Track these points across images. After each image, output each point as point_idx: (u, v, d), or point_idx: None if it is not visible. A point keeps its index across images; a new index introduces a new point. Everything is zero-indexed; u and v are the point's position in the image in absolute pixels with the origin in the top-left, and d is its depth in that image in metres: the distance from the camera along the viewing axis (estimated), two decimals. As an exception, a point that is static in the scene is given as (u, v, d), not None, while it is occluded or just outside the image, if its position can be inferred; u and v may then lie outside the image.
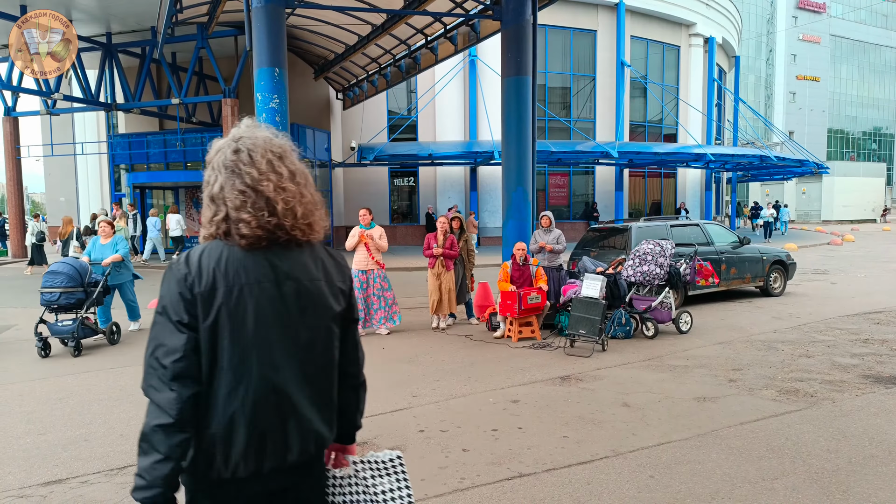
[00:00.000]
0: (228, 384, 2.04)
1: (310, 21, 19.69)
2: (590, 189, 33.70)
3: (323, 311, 2.20)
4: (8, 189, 26.15)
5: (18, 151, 25.85)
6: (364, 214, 10.47)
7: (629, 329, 9.91)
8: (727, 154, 32.66)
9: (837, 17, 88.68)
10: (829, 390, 6.93)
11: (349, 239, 10.41)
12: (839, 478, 4.75)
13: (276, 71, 11.90)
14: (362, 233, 10.32)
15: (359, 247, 10.35)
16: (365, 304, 10.42)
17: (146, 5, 21.12)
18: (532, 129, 13.59)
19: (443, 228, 10.81)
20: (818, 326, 10.56)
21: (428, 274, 11.00)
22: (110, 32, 25.07)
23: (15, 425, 6.23)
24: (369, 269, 10.39)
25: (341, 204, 30.68)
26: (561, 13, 30.33)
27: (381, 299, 10.48)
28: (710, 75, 38.12)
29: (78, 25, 23.93)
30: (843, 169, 65.59)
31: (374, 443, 5.59)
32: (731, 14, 40.97)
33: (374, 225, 10.49)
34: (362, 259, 10.36)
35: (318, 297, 2.19)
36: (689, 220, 14.17)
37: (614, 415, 6.23)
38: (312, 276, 2.19)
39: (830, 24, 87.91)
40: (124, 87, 25.68)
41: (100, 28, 24.55)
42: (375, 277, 10.44)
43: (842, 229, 45.33)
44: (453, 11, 16.52)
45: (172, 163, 27.65)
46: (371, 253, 10.34)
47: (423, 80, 29.29)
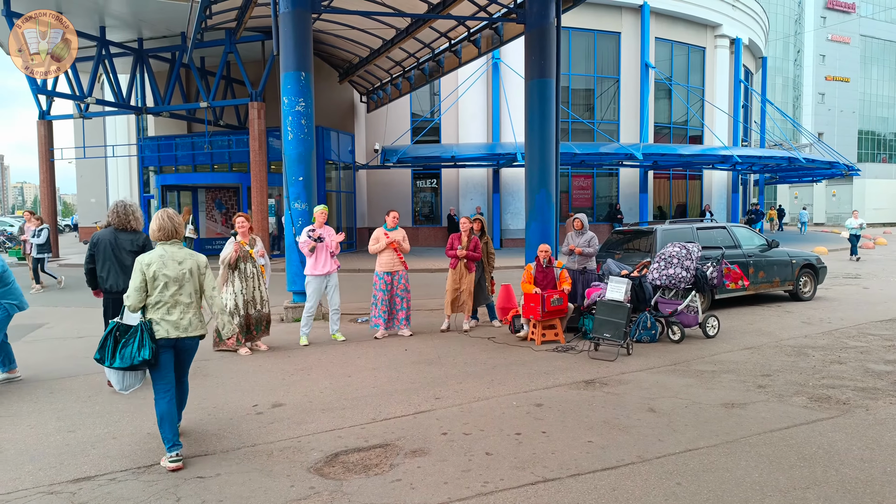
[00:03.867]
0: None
1: (335, 25, 19.79)
2: (614, 191, 33.52)
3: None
4: (41, 191, 26.58)
5: (52, 154, 26.25)
6: (395, 217, 10.48)
7: (654, 333, 9.82)
8: (754, 156, 32.35)
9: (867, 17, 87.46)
10: (862, 398, 6.81)
11: (373, 244, 10.39)
12: (873, 488, 4.65)
13: (303, 75, 11.97)
14: (389, 236, 10.33)
15: (385, 250, 10.35)
16: (389, 305, 10.44)
17: (176, 11, 21.46)
18: (556, 131, 13.54)
19: (465, 229, 10.80)
20: (850, 332, 10.39)
21: (448, 273, 11.00)
22: (142, 38, 25.53)
23: (45, 422, 6.32)
24: (395, 270, 10.40)
25: (364, 205, 30.82)
26: (585, 15, 30.25)
27: (404, 300, 10.50)
28: (736, 76, 37.82)
29: (110, 31, 24.42)
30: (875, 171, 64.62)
31: (397, 444, 5.59)
32: (758, 15, 40.61)
33: (397, 227, 10.51)
34: (389, 261, 10.35)
35: None
36: (716, 223, 14.02)
37: (640, 420, 6.17)
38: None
39: (860, 24, 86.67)
40: (154, 91, 26.10)
41: (132, 34, 25.02)
42: (400, 279, 10.45)
43: (873, 232, 44.75)
44: (477, 15, 16.49)
45: (200, 165, 28.01)
46: (400, 255, 10.36)
47: (447, 82, 29.39)
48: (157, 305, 5.30)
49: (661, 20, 33.38)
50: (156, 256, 5.35)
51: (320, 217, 10.01)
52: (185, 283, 5.41)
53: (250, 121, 22.77)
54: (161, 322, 5.27)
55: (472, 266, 10.87)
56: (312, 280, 9.93)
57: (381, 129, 30.29)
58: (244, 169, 25.65)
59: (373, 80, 26.77)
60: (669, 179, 35.49)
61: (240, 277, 9.25)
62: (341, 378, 7.92)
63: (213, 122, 27.46)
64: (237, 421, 6.31)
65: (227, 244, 9.29)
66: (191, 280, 5.45)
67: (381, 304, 10.38)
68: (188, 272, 5.43)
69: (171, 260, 5.37)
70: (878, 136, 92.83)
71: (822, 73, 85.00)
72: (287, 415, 6.48)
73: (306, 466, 5.16)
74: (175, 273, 5.35)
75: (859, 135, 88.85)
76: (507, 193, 30.97)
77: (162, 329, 5.26)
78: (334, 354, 9.28)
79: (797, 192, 68.89)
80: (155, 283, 5.27)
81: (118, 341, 5.25)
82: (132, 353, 5.14)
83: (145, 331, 5.21)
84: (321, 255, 9.88)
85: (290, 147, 12.05)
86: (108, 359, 5.24)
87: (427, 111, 31.44)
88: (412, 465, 5.17)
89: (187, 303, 5.43)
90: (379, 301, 10.39)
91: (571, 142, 29.73)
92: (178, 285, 5.36)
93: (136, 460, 5.35)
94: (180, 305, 5.38)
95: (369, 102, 29.26)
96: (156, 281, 5.27)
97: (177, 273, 5.36)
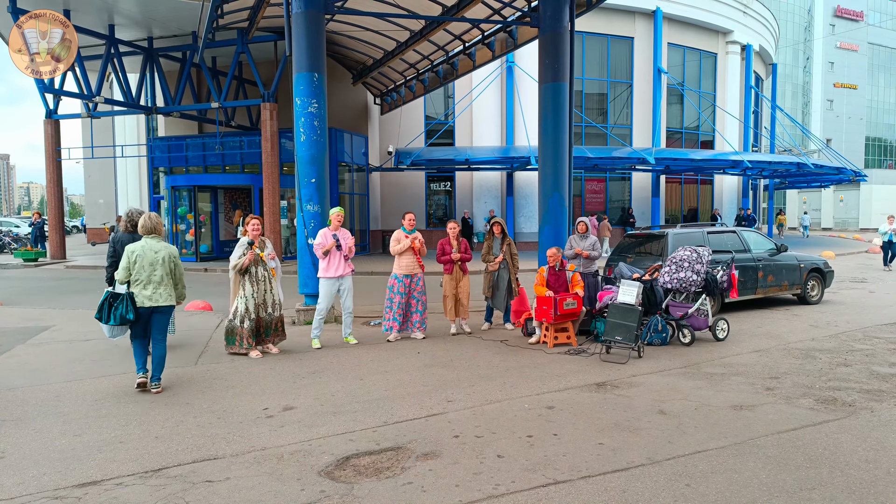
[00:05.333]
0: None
1: (349, 27, 19.85)
2: (626, 195, 33.51)
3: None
4: (48, 191, 26.44)
5: (59, 154, 26.14)
6: (412, 219, 10.50)
7: (665, 336, 9.84)
8: (764, 161, 32.29)
9: (875, 26, 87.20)
10: (867, 400, 6.84)
11: (395, 244, 10.36)
12: (877, 489, 4.69)
13: (315, 76, 11.98)
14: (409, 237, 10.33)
15: (406, 251, 10.36)
16: (405, 308, 10.47)
17: (188, 10, 21.44)
18: (569, 134, 13.55)
19: (455, 233, 10.79)
20: (856, 335, 10.43)
21: (444, 279, 10.97)
22: (152, 37, 25.48)
23: (51, 426, 6.28)
24: (414, 272, 10.42)
25: (378, 208, 30.87)
26: (598, 20, 30.26)
27: (420, 303, 10.54)
28: (747, 82, 37.80)
29: (120, 30, 24.36)
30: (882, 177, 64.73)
31: (409, 447, 5.62)
32: (769, 22, 40.60)
33: (414, 230, 10.52)
34: (409, 263, 10.36)
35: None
36: (727, 227, 14.04)
37: (650, 422, 6.20)
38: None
39: (868, 32, 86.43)
40: (164, 91, 26.06)
41: (142, 33, 24.97)
42: (418, 281, 10.48)
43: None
44: (491, 18, 16.53)
45: (211, 166, 27.99)
46: (419, 257, 10.39)
47: (461, 85, 29.41)
48: (137, 282, 7.33)
49: (674, 26, 33.39)
50: (139, 246, 7.44)
51: (336, 220, 10.00)
52: (158, 267, 7.39)
53: (262, 122, 22.80)
54: (139, 296, 7.30)
55: (466, 268, 10.93)
56: (325, 283, 9.93)
57: (394, 131, 30.34)
58: (256, 170, 25.63)
59: (386, 83, 26.83)
60: (681, 184, 35.47)
61: (250, 281, 9.24)
62: (353, 381, 7.95)
63: (224, 122, 27.46)
64: (247, 424, 6.32)
65: (237, 248, 9.25)
66: (163, 265, 7.43)
67: (398, 307, 10.37)
68: (161, 259, 7.43)
69: (149, 249, 7.41)
70: (884, 143, 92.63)
71: (831, 80, 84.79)
72: (298, 418, 6.49)
73: (317, 470, 5.17)
74: (151, 259, 7.37)
75: (866, 141, 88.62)
76: (520, 197, 30.99)
77: (139, 301, 7.29)
78: (346, 357, 9.31)
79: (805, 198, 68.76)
80: (136, 265, 7.32)
81: (112, 305, 7.27)
82: (122, 314, 7.19)
83: (129, 299, 7.24)
84: (334, 257, 9.88)
85: (303, 148, 12.05)
86: (105, 318, 7.28)
87: (441, 114, 31.51)
88: (424, 467, 5.19)
89: (158, 281, 7.39)
90: (395, 304, 10.37)
91: (584, 146, 29.78)
92: (152, 268, 7.36)
93: (143, 464, 5.31)
94: (153, 282, 7.37)
95: (383, 104, 29.32)
96: (136, 263, 7.32)
97: (152, 259, 7.38)
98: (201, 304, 13.87)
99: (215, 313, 13.25)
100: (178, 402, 7.05)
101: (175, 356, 9.20)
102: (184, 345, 10.14)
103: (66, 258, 26.51)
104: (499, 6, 16.06)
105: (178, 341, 10.18)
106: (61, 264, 24.76)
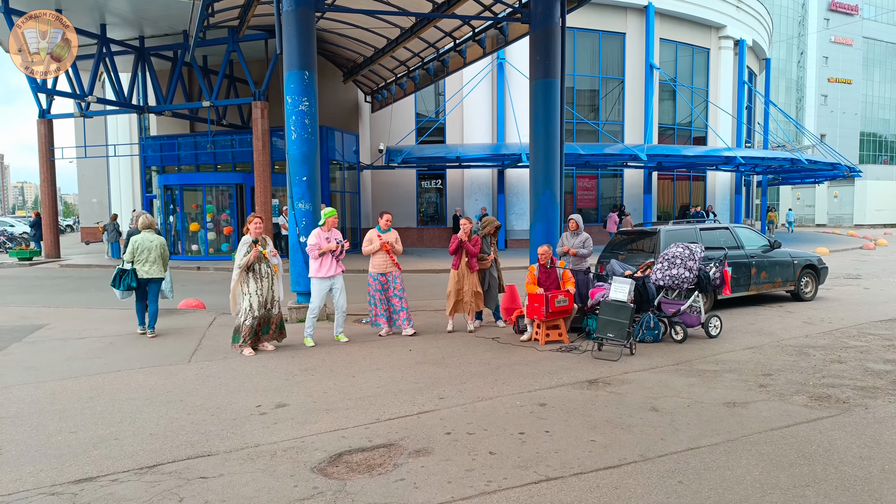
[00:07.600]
0: None
1: (339, 24, 19.81)
2: (618, 192, 33.54)
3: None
4: (42, 190, 26.48)
5: (52, 153, 26.13)
6: (388, 220, 10.55)
7: (658, 333, 9.84)
8: (757, 157, 32.38)
9: (870, 20, 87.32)
10: (861, 396, 6.84)
11: (367, 245, 10.52)
12: (872, 485, 4.68)
13: (306, 74, 11.95)
14: (381, 238, 10.41)
15: (379, 251, 10.44)
16: (388, 305, 10.55)
17: (179, 9, 21.41)
18: (560, 131, 13.55)
19: (467, 230, 10.80)
20: (850, 332, 10.43)
21: (450, 275, 11.03)
22: (143, 36, 25.41)
23: (47, 423, 6.30)
24: (388, 271, 10.48)
25: (369, 206, 30.83)
26: (590, 16, 30.27)
27: (402, 300, 10.56)
28: (740, 78, 37.83)
29: (111, 29, 24.31)
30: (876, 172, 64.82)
31: (401, 444, 5.61)
32: (762, 16, 40.61)
33: (390, 230, 10.58)
34: (381, 263, 10.45)
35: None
36: (719, 224, 14.04)
37: (643, 419, 6.19)
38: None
39: (863, 26, 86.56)
40: (156, 90, 26.00)
41: (133, 32, 24.92)
42: (395, 279, 10.52)
43: (874, 233, 44.77)
44: (482, 14, 16.50)
45: (203, 164, 27.92)
46: (392, 256, 10.42)
47: (451, 82, 29.38)
48: (138, 261, 10.51)
49: (666, 21, 33.40)
50: (140, 237, 10.61)
51: (330, 222, 10.03)
52: (153, 251, 10.59)
53: (254, 120, 22.77)
54: (139, 270, 10.50)
55: (474, 264, 10.90)
56: (317, 283, 9.98)
57: (385, 129, 30.31)
58: (248, 169, 25.59)
59: (377, 80, 26.78)
60: (674, 180, 35.50)
61: (254, 278, 9.31)
62: (345, 378, 7.94)
63: (215, 121, 27.38)
64: (240, 421, 6.31)
65: (240, 246, 9.31)
66: (155, 250, 10.62)
67: (380, 303, 10.51)
68: (154, 246, 10.63)
69: (147, 240, 10.60)
70: (879, 138, 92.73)
71: (825, 74, 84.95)
72: (290, 415, 6.49)
73: (310, 466, 5.17)
74: (148, 246, 10.56)
75: (861, 136, 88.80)
76: (511, 194, 31.00)
77: (140, 274, 10.50)
78: (338, 355, 9.30)
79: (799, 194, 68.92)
80: (138, 251, 10.49)
81: (121, 276, 10.52)
82: (128, 282, 10.48)
83: (133, 273, 10.49)
84: (326, 258, 9.93)
85: (294, 147, 12.03)
86: (117, 286, 10.57)
87: (432, 111, 31.47)
88: (416, 464, 5.19)
89: (153, 261, 10.59)
90: (377, 301, 10.51)
91: (576, 142, 29.77)
92: (149, 252, 10.55)
93: (138, 461, 5.33)
94: (149, 262, 10.56)
95: (374, 102, 29.27)
96: (138, 249, 10.49)
97: (149, 246, 10.57)
98: (194, 301, 13.84)
99: (208, 311, 13.26)
100: (172, 400, 7.05)
101: (168, 353, 9.28)
102: (177, 342, 10.18)
103: (60, 257, 26.48)
104: (490, 2, 16.04)
105: (171, 339, 10.30)
106: (56, 263, 24.71)
